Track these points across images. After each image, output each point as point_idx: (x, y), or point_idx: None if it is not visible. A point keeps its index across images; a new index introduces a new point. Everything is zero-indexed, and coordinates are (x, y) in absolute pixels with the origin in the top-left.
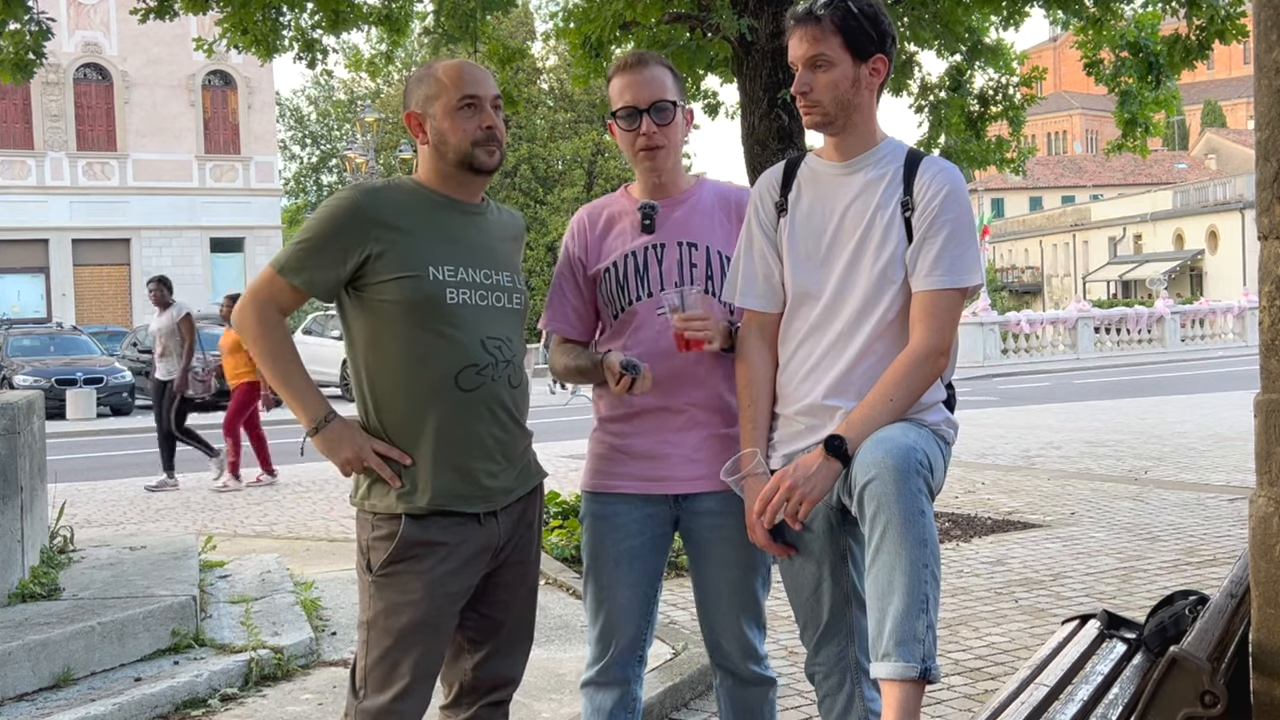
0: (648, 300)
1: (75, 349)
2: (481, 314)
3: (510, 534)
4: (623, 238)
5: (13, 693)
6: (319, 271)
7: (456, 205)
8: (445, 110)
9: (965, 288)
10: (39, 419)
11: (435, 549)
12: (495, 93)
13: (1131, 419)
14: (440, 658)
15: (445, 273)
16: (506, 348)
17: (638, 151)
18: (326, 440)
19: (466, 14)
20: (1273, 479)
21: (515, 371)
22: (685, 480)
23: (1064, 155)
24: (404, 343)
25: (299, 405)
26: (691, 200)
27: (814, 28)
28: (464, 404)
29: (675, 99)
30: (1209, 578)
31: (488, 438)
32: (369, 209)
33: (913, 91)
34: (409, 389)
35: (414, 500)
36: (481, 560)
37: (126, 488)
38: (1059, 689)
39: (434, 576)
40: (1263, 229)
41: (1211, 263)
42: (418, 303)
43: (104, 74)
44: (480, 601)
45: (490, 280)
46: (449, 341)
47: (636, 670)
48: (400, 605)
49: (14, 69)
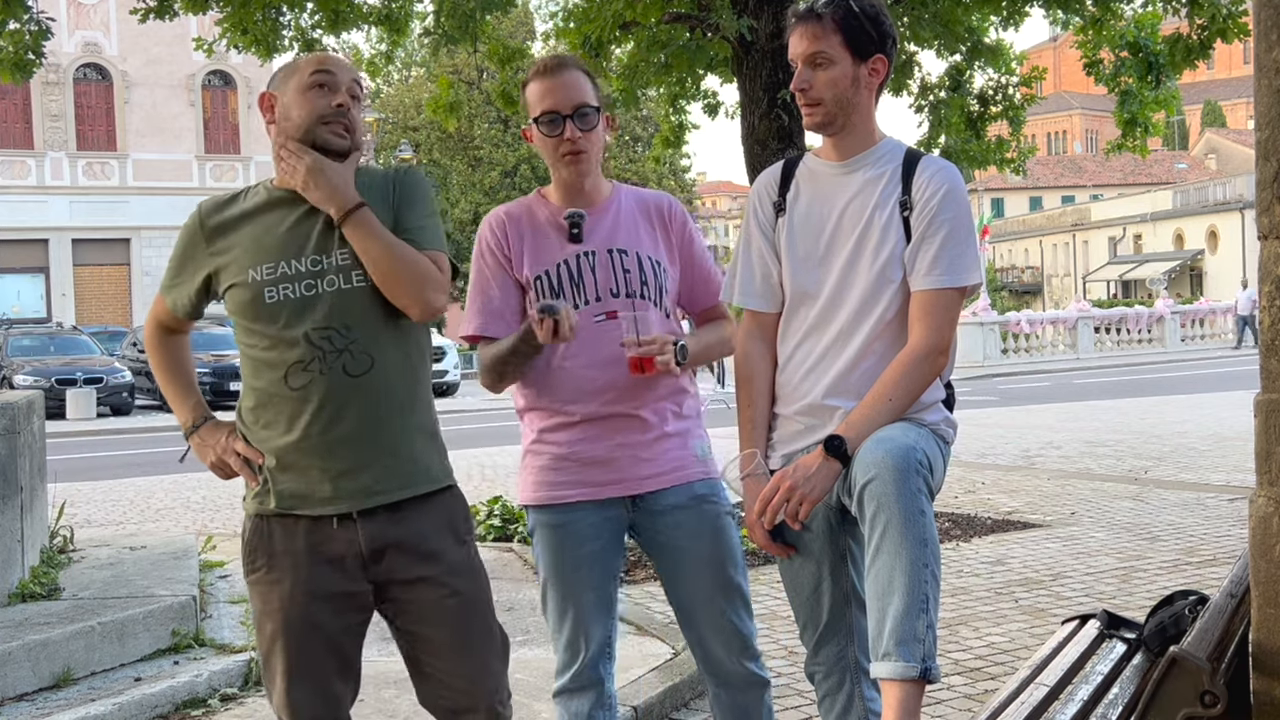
0: (585, 309)
1: (75, 349)
2: (306, 305)
3: (385, 544)
4: (548, 245)
5: (13, 693)
6: (178, 291)
7: (289, 198)
8: (296, 87)
9: (964, 287)
10: (39, 419)
11: (285, 554)
12: (354, 78)
13: (1131, 419)
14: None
15: (264, 272)
16: (339, 336)
17: (562, 156)
18: (196, 445)
19: (466, 14)
20: (1273, 479)
21: (354, 359)
22: (639, 480)
23: (1064, 155)
24: (244, 349)
25: (176, 412)
26: (614, 207)
27: (815, 25)
28: (296, 403)
29: (596, 104)
30: (1209, 578)
31: (325, 436)
32: (205, 227)
33: (913, 91)
34: (255, 392)
35: (265, 502)
36: (347, 567)
37: (126, 488)
38: (1059, 689)
39: (290, 581)
40: (1263, 229)
41: (1211, 263)
42: (243, 308)
43: (104, 74)
44: (397, 619)
45: (319, 265)
46: (274, 341)
47: (608, 668)
48: (264, 612)
49: (13, 69)
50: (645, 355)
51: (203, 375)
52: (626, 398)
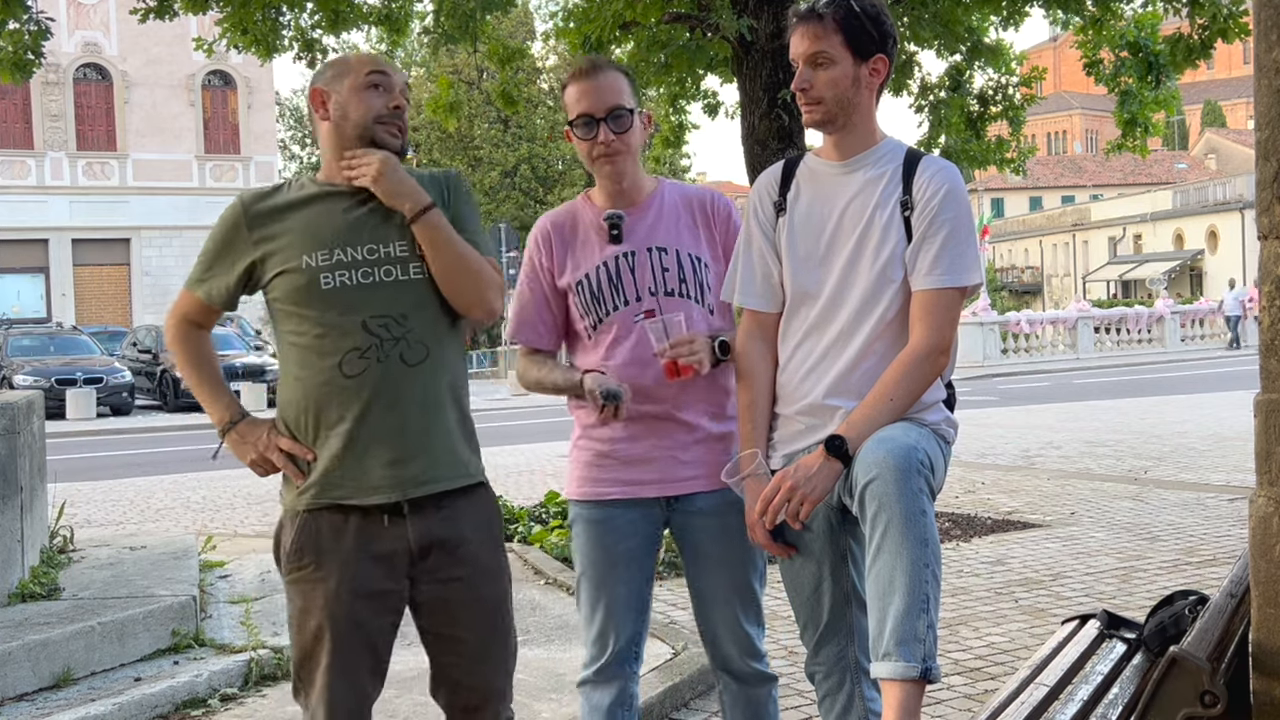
0: (624, 309)
1: (75, 349)
2: (365, 293)
3: (432, 542)
4: (590, 248)
5: (13, 693)
6: (213, 282)
7: (340, 191)
8: (352, 86)
9: (965, 287)
10: (39, 419)
11: (334, 551)
12: (405, 81)
13: (1131, 419)
14: (364, 653)
15: (319, 258)
16: (396, 325)
17: (596, 159)
18: (233, 442)
19: (466, 14)
20: (1273, 479)
21: (410, 348)
22: (678, 482)
23: (1064, 155)
24: (293, 337)
25: (209, 410)
26: (656, 205)
27: (816, 25)
28: (351, 390)
29: (631, 105)
30: (1209, 578)
31: (380, 424)
32: (249, 215)
33: (913, 91)
34: (302, 383)
35: (312, 496)
36: (395, 565)
37: (126, 488)
38: (1059, 689)
39: (337, 579)
40: (1263, 229)
41: (1211, 263)
42: (295, 294)
43: (104, 74)
44: (424, 618)
45: (377, 254)
46: (328, 328)
47: (633, 668)
48: (306, 609)
49: (13, 69)
50: (674, 358)
51: None
52: (666, 398)
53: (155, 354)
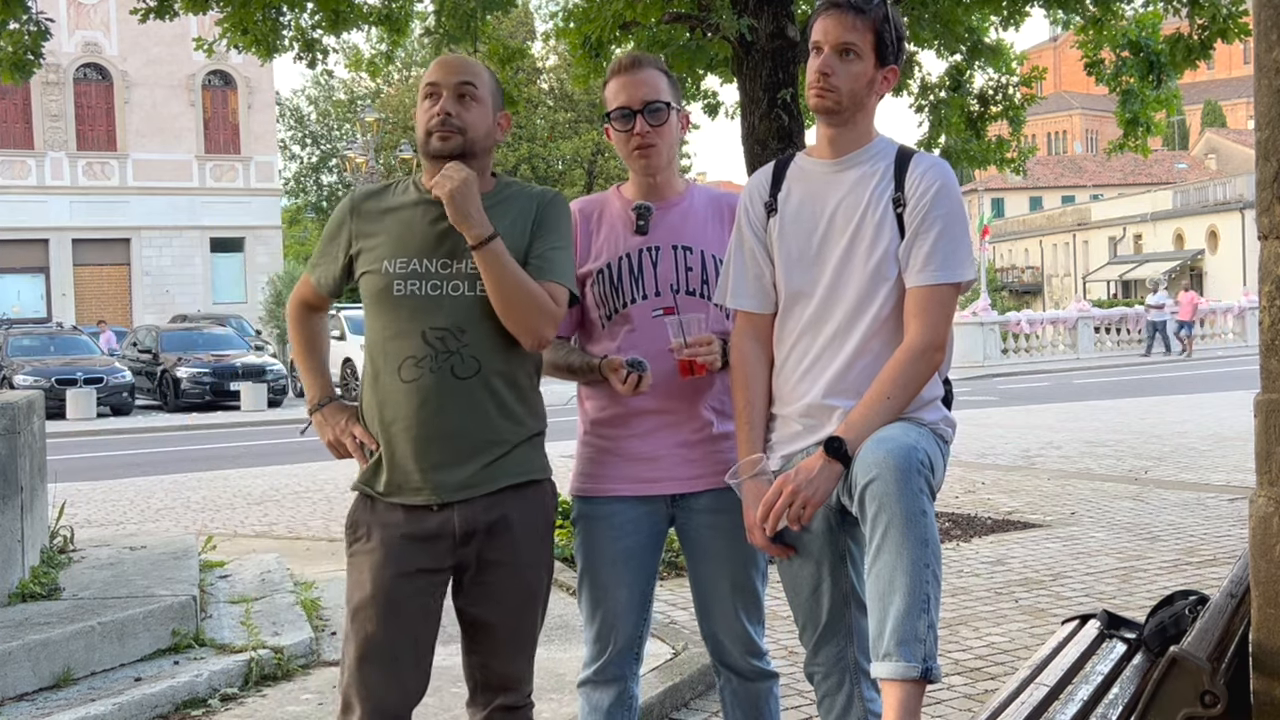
0: (642, 303)
1: (75, 349)
2: (430, 304)
3: (475, 528)
4: (614, 238)
5: (13, 693)
6: (323, 268)
7: (433, 200)
8: (419, 98)
9: (959, 282)
10: (39, 419)
11: (382, 526)
12: (461, 79)
13: (1131, 419)
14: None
15: (397, 265)
16: (452, 338)
17: (632, 151)
18: (318, 423)
19: (467, 14)
20: (1273, 479)
21: (463, 362)
22: (681, 480)
23: (1064, 155)
24: (373, 334)
25: (306, 389)
26: (685, 203)
27: (855, 17)
28: (405, 394)
29: (669, 100)
30: (1209, 578)
31: (426, 429)
32: (354, 211)
33: (913, 91)
34: (372, 378)
35: (372, 484)
36: (438, 547)
37: (126, 488)
38: (1059, 689)
39: (382, 553)
40: (1263, 229)
41: (1211, 263)
42: (373, 296)
43: (104, 74)
44: (461, 597)
45: (449, 269)
46: (395, 333)
47: (634, 668)
48: (355, 584)
49: (12, 69)
50: (692, 357)
51: (203, 375)
52: (678, 395)
53: (155, 354)
